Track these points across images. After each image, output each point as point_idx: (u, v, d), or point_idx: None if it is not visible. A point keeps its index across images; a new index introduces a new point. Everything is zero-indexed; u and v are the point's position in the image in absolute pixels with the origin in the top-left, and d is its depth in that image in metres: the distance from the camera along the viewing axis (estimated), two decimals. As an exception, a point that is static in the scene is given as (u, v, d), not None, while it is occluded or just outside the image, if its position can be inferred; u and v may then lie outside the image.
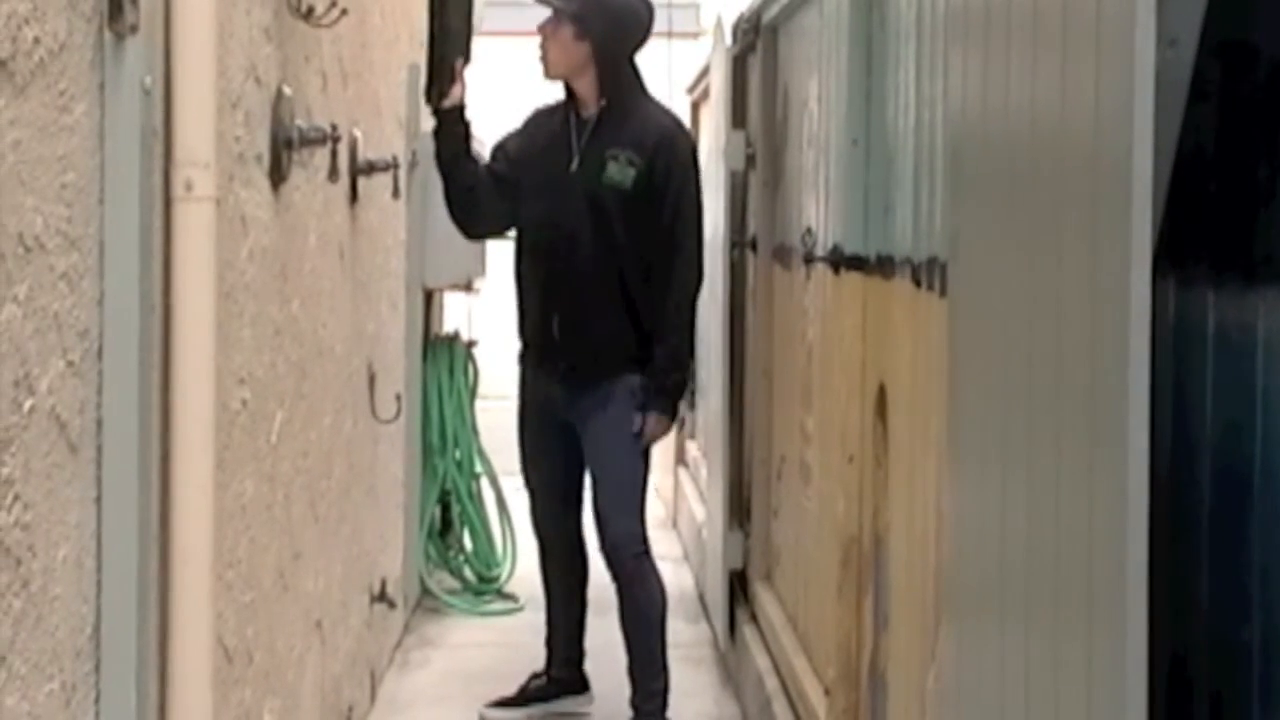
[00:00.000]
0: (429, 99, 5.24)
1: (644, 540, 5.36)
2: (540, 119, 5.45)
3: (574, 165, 5.26)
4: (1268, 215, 2.01)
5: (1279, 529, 1.96)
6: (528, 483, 5.61)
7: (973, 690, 2.72)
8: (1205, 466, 2.11)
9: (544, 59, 5.30)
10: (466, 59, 5.23)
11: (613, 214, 5.21)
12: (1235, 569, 2.04)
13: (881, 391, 3.98)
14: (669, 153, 5.26)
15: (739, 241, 6.63)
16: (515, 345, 5.57)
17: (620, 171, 5.22)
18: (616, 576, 5.35)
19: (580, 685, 5.67)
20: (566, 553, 5.58)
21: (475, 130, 5.33)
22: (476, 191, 5.34)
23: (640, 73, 5.38)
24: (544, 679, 5.68)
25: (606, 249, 5.22)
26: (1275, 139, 2.01)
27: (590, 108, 5.29)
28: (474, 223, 5.49)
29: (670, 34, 11.66)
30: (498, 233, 5.64)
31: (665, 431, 5.39)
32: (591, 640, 5.70)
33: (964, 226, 2.89)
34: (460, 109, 5.24)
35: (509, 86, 12.70)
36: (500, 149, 5.47)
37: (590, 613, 5.69)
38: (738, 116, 6.60)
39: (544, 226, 5.32)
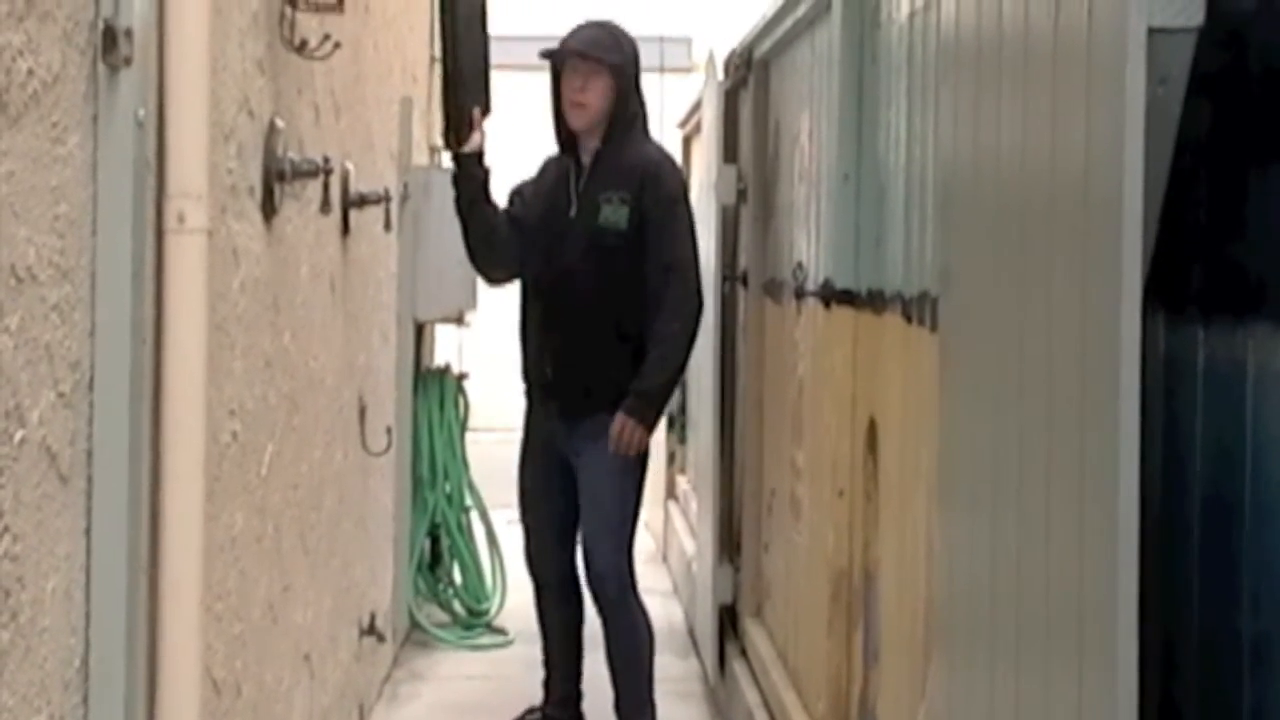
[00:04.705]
0: (446, 144, 5.29)
1: (630, 574, 5.35)
2: (550, 164, 5.53)
3: (573, 211, 5.33)
4: (1257, 252, 2.02)
5: (1270, 562, 1.96)
6: (524, 519, 5.61)
7: (963, 725, 2.72)
8: (1196, 500, 2.11)
9: (584, 112, 5.32)
10: (486, 108, 5.27)
11: (615, 255, 5.27)
12: (1226, 602, 2.04)
13: (872, 426, 3.98)
14: (654, 184, 5.32)
15: (730, 276, 6.64)
16: (506, 379, 5.59)
17: (615, 213, 5.28)
18: (601, 609, 5.35)
19: None
20: (561, 591, 5.57)
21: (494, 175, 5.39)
22: (495, 236, 5.39)
23: (645, 108, 5.46)
24: (539, 715, 5.66)
25: (606, 290, 5.27)
26: (1264, 175, 2.02)
27: (589, 152, 5.36)
28: (492, 266, 5.54)
29: (663, 69, 11.71)
30: (516, 275, 5.62)
31: (639, 440, 5.25)
32: (590, 675, 5.68)
33: (955, 262, 2.90)
34: (479, 154, 5.29)
35: (526, 121, 12.75)
36: (517, 194, 5.55)
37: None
38: (729, 151, 6.62)
39: (545, 270, 5.38)
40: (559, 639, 5.60)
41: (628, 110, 5.35)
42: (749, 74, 6.25)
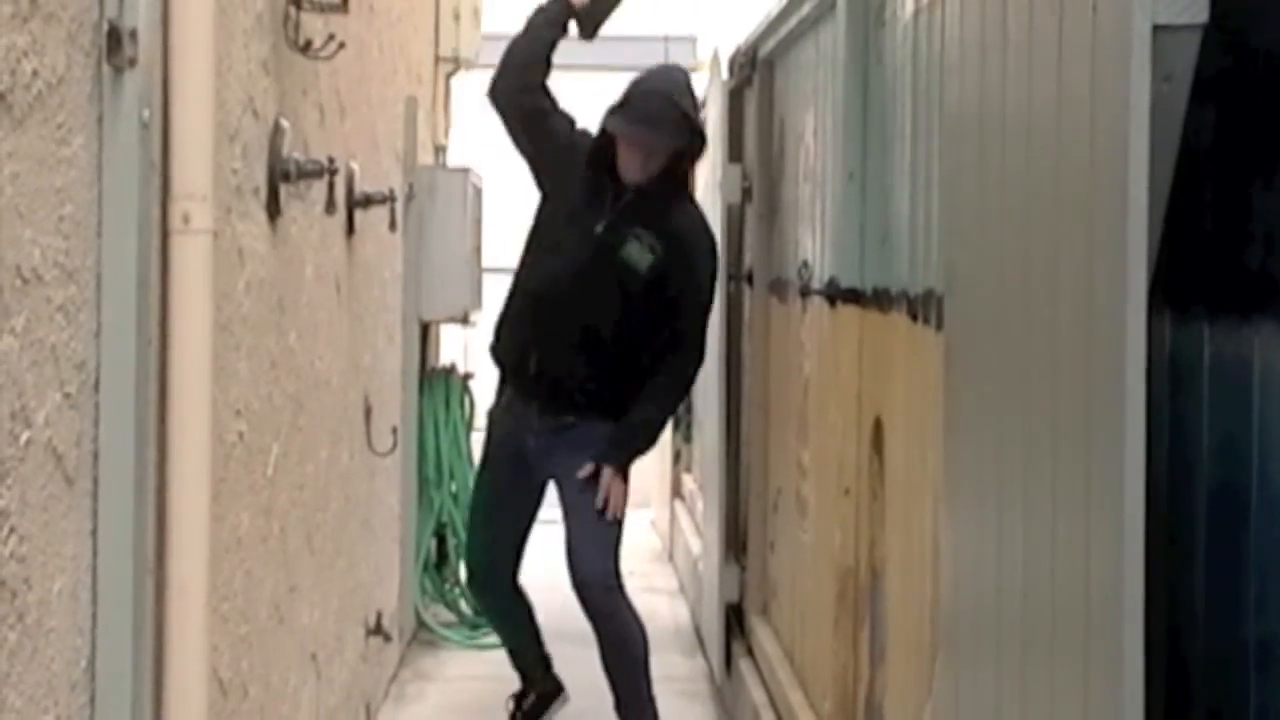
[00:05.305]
0: None
1: (616, 575, 5.33)
2: (593, 156, 5.27)
3: (599, 228, 5.19)
4: (1263, 249, 2.02)
5: (1277, 561, 1.96)
6: (480, 528, 5.54)
7: (969, 724, 2.72)
8: (1202, 499, 2.11)
9: (642, 168, 5.15)
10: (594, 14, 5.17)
11: (619, 288, 5.18)
12: (1232, 601, 2.04)
13: (877, 425, 3.98)
14: (691, 254, 5.24)
15: (735, 275, 6.64)
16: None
17: (639, 253, 5.17)
18: (591, 613, 5.33)
19: (559, 688, 5.68)
20: (513, 598, 5.55)
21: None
22: (538, 75, 5.25)
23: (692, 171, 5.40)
24: (532, 698, 5.66)
25: (602, 313, 5.19)
26: (1270, 173, 2.02)
27: (631, 181, 5.20)
28: (512, 86, 5.29)
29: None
30: (513, 114, 5.32)
31: (622, 493, 5.27)
32: (580, 676, 5.67)
33: (960, 260, 2.89)
34: (566, 15, 5.19)
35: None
36: (570, 124, 5.33)
37: (572, 646, 5.67)
38: (734, 150, 6.62)
39: (551, 269, 5.26)
40: (520, 628, 5.58)
41: (680, 168, 5.24)
42: (754, 73, 6.25)
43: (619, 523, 5.32)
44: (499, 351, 5.41)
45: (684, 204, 5.32)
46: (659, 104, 5.14)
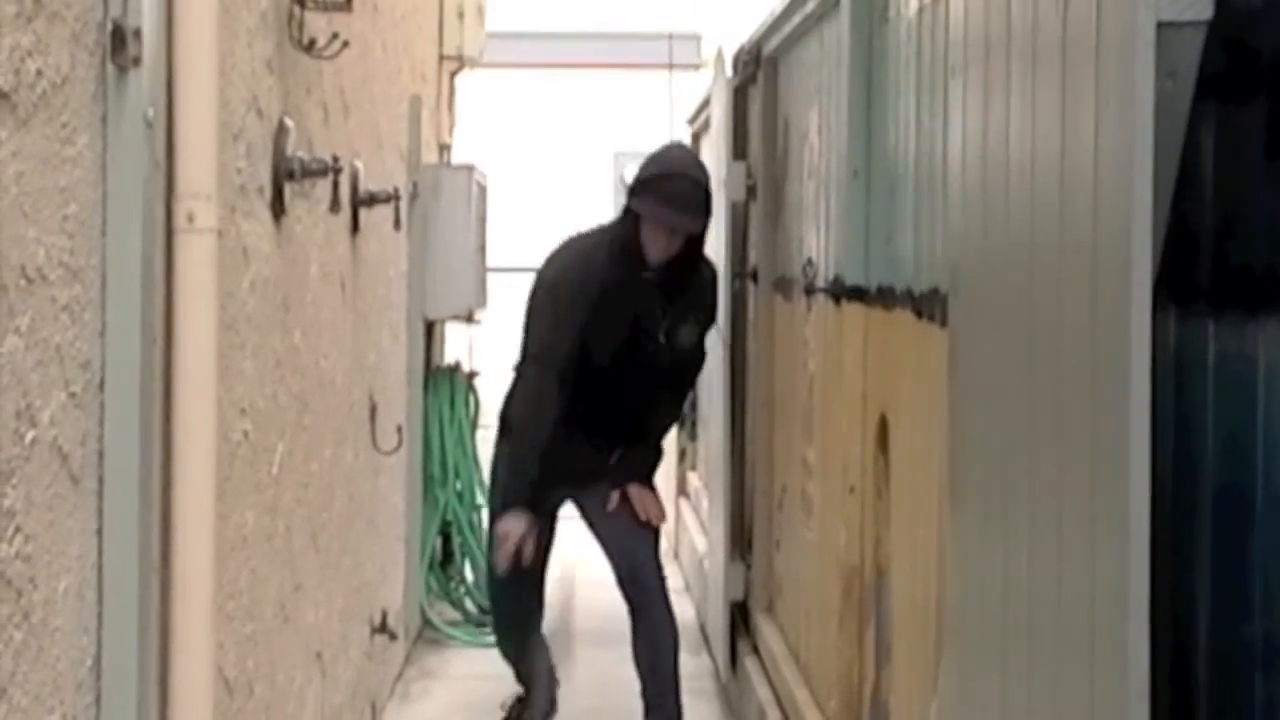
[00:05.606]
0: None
1: (661, 569, 5.42)
2: (604, 275, 5.29)
3: (662, 336, 5.37)
4: (1267, 246, 2.02)
5: (1281, 560, 1.96)
6: (520, 576, 5.48)
7: (975, 722, 2.72)
8: (1207, 496, 2.11)
9: (667, 248, 5.24)
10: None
11: (676, 368, 5.50)
12: (1237, 599, 2.04)
13: (883, 423, 3.98)
14: (714, 306, 5.62)
15: (740, 273, 6.64)
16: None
17: (689, 334, 5.47)
18: (638, 596, 5.36)
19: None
20: (537, 645, 5.60)
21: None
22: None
23: None
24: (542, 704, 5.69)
25: (661, 391, 5.49)
26: (1274, 170, 2.01)
27: (653, 265, 5.28)
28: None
29: (671, 66, 11.70)
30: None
31: (655, 502, 5.45)
32: (585, 676, 5.67)
33: (965, 258, 2.89)
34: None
35: (508, 117, 12.73)
36: (571, 325, 5.25)
37: (577, 646, 5.68)
38: (739, 148, 6.61)
39: (616, 380, 5.33)
40: (538, 651, 5.61)
41: (703, 239, 5.41)
42: (758, 70, 6.25)
43: (656, 527, 5.40)
44: (550, 459, 5.34)
45: (704, 267, 5.53)
46: (693, 189, 5.28)
